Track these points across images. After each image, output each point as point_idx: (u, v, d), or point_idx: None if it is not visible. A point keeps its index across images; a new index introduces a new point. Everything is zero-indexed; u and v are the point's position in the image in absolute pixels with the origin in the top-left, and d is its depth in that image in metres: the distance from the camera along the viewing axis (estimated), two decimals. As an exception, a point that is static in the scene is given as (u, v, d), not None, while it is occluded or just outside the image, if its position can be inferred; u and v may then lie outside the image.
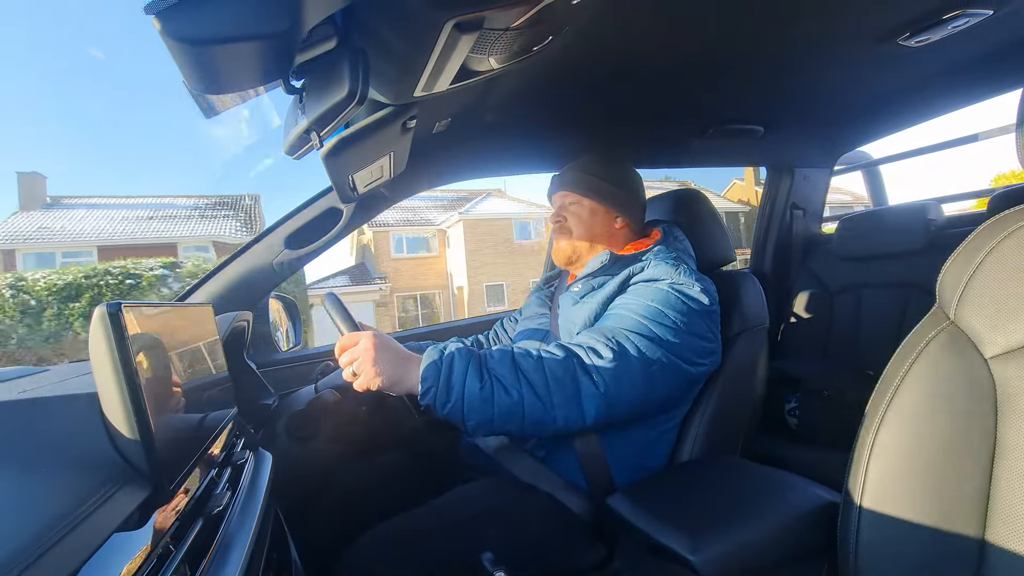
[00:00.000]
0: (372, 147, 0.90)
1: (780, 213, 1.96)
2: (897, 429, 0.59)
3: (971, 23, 0.96)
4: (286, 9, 0.50)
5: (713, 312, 0.97)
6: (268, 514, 0.70)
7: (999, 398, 0.54)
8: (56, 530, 0.35)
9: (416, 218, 20.05)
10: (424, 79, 0.71)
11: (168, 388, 0.55)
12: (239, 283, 1.25)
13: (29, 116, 38.55)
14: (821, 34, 0.99)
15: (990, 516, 0.54)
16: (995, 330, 0.54)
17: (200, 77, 0.54)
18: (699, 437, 1.03)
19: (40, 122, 38.66)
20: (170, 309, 0.63)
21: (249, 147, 45.10)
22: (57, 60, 43.53)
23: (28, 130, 38.54)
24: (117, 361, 0.45)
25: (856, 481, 0.62)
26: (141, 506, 0.44)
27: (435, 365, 0.80)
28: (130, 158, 37.00)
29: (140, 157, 37.75)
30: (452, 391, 0.79)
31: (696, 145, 1.59)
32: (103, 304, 0.45)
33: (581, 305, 1.02)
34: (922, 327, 0.61)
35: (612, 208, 1.11)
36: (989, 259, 0.55)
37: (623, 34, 0.91)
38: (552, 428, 0.83)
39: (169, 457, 0.49)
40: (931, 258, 1.45)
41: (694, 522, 0.75)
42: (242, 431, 0.87)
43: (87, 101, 39.00)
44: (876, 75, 1.24)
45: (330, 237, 1.30)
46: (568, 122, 1.33)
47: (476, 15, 0.57)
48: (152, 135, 38.53)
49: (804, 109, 1.46)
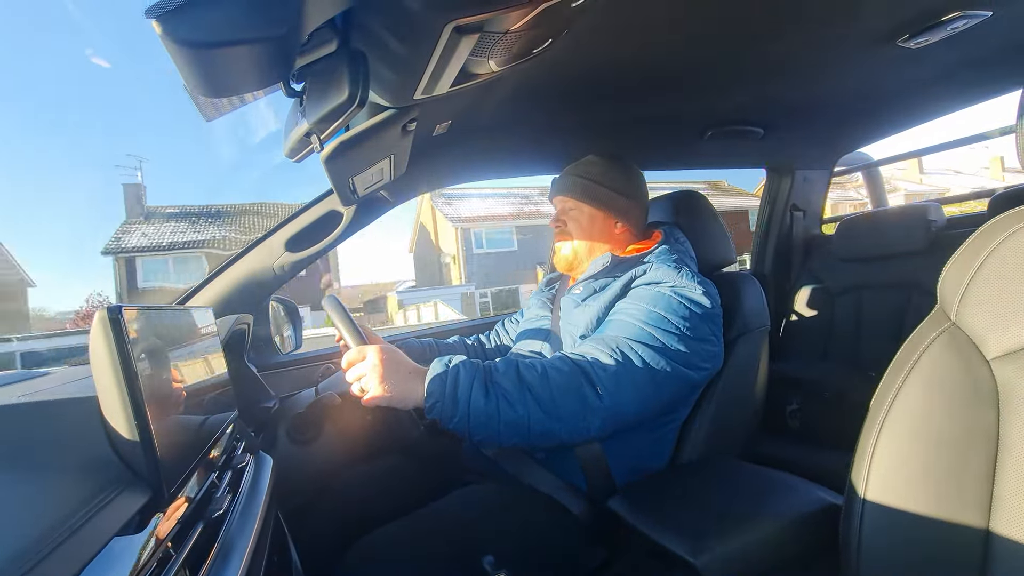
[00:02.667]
0: (372, 150, 0.91)
1: (780, 215, 1.97)
2: (899, 431, 0.59)
3: (970, 24, 0.96)
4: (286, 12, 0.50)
5: (716, 315, 0.97)
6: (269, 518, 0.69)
7: (1001, 399, 0.54)
8: (56, 534, 0.35)
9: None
10: (424, 82, 0.71)
11: (168, 391, 0.55)
12: (240, 286, 1.25)
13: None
14: (821, 36, 0.99)
15: (993, 518, 0.53)
16: (997, 331, 0.54)
17: (201, 81, 0.54)
18: (700, 439, 1.03)
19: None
20: (170, 312, 0.63)
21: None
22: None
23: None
24: (117, 364, 0.45)
25: (858, 483, 0.62)
26: (141, 510, 0.44)
27: (440, 380, 0.80)
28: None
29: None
30: (458, 406, 0.79)
31: (696, 147, 1.59)
32: (103, 307, 0.45)
33: (583, 308, 1.02)
34: (923, 328, 0.61)
35: (611, 213, 1.10)
36: (990, 260, 0.55)
37: (622, 36, 0.91)
38: (557, 441, 0.83)
39: (169, 460, 0.49)
40: (932, 259, 1.45)
41: (695, 524, 0.75)
42: (243, 434, 0.87)
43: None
44: (876, 76, 1.25)
45: (331, 240, 1.30)
46: (568, 124, 1.33)
47: (476, 18, 0.58)
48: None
49: (804, 111, 1.46)
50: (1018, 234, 0.54)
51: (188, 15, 0.45)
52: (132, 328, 0.47)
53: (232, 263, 1.25)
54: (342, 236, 1.31)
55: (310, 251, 1.28)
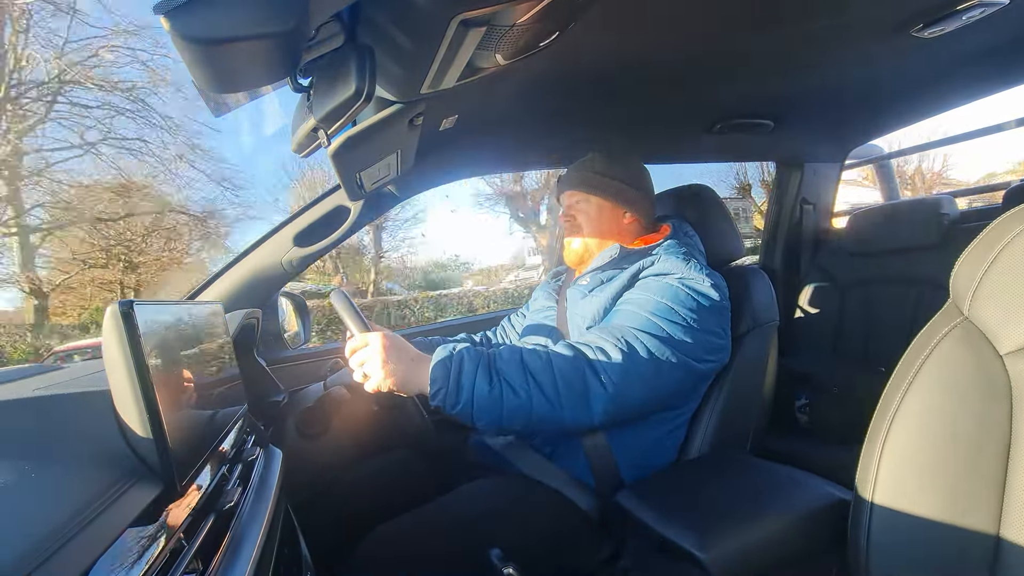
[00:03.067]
0: (379, 144, 0.91)
1: (790, 208, 1.94)
2: (909, 426, 0.59)
3: (986, 13, 0.94)
4: (293, 7, 0.50)
5: (724, 308, 0.96)
6: (278, 510, 0.70)
7: (1014, 395, 0.53)
8: (70, 526, 0.36)
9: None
10: (431, 76, 0.71)
11: (179, 385, 0.56)
12: (249, 281, 1.26)
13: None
14: (833, 26, 0.98)
15: (1005, 512, 0.53)
16: (1010, 326, 0.53)
17: (209, 76, 0.54)
18: (708, 434, 1.02)
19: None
20: (181, 307, 0.64)
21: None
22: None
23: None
24: (130, 359, 0.45)
25: (867, 478, 0.61)
26: (153, 502, 0.44)
27: (444, 366, 0.80)
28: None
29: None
30: (461, 392, 0.79)
31: (704, 140, 1.57)
32: (115, 303, 0.46)
33: (590, 299, 1.02)
34: (935, 323, 0.60)
35: (619, 204, 1.10)
36: (1004, 254, 0.54)
37: (630, 29, 0.90)
38: (560, 426, 0.84)
39: (181, 453, 0.50)
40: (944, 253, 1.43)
41: (703, 519, 0.75)
42: (252, 428, 0.88)
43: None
44: (889, 67, 1.22)
45: (338, 235, 1.31)
46: (576, 117, 1.32)
47: (482, 11, 0.57)
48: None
49: (815, 103, 1.44)
50: None
51: (196, 11, 0.45)
52: (143, 323, 0.47)
53: (241, 258, 1.27)
54: (349, 231, 1.31)
55: (318, 246, 1.29)
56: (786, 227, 1.96)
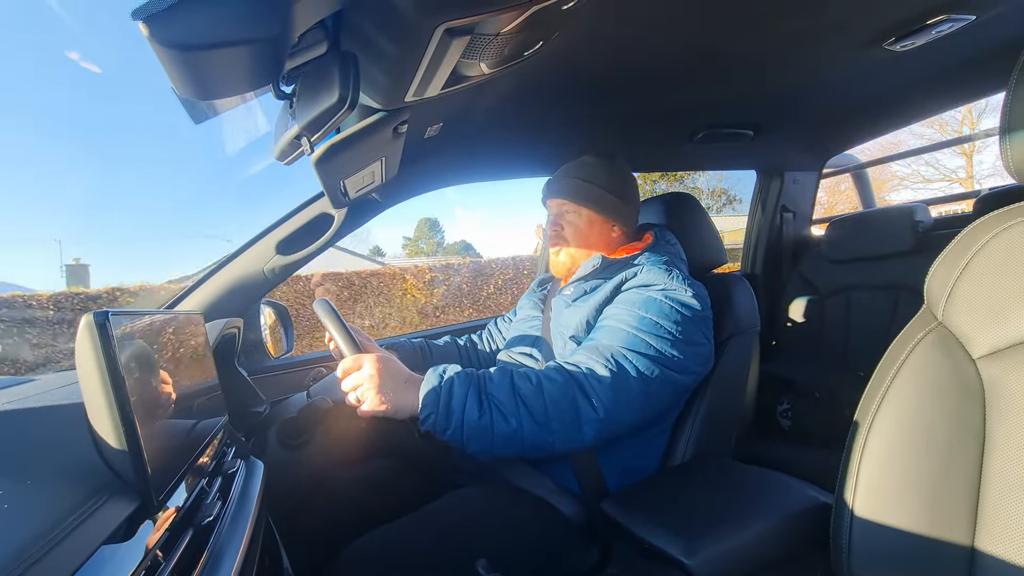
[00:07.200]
0: (363, 152, 0.90)
1: (770, 216, 1.98)
2: (887, 429, 0.60)
3: (955, 28, 0.97)
4: (276, 14, 0.50)
5: (706, 317, 0.97)
6: (259, 523, 0.69)
7: (987, 398, 0.54)
8: (42, 543, 0.34)
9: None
10: (415, 84, 0.71)
11: (157, 397, 0.54)
12: (230, 290, 1.23)
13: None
14: (809, 39, 1.00)
15: (980, 512, 0.54)
16: (982, 330, 0.55)
17: (189, 83, 0.54)
18: (692, 440, 1.03)
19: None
20: (159, 317, 0.62)
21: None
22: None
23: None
24: (104, 370, 0.44)
25: (848, 482, 0.62)
26: (129, 518, 0.43)
27: (435, 393, 0.80)
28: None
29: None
30: (452, 418, 0.79)
31: (686, 149, 1.60)
32: (90, 312, 0.45)
33: (573, 309, 1.02)
34: (911, 328, 0.61)
35: (609, 217, 1.10)
36: (976, 260, 0.56)
37: (613, 39, 0.91)
38: (551, 451, 0.84)
39: (158, 467, 0.48)
40: (919, 260, 1.47)
41: (688, 525, 0.75)
42: (233, 440, 0.86)
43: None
44: (863, 79, 1.26)
45: (321, 243, 1.29)
46: (559, 126, 1.33)
47: (467, 20, 0.58)
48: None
49: (793, 113, 1.47)
50: (1003, 234, 0.55)
51: (176, 17, 0.44)
52: (119, 333, 0.46)
53: (222, 266, 1.24)
54: (333, 239, 1.30)
55: (301, 254, 1.28)
56: (767, 234, 2.00)
